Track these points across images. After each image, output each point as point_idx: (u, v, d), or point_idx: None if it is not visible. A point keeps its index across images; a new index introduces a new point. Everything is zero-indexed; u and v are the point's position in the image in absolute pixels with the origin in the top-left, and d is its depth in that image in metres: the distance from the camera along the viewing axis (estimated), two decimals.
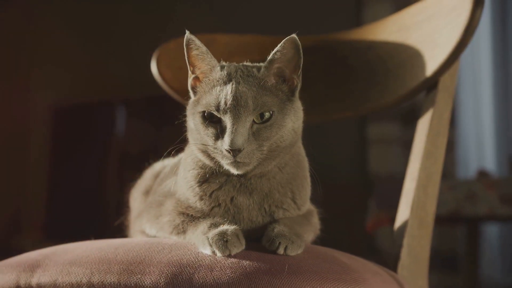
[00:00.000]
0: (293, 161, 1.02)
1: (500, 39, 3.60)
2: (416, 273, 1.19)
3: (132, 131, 3.94)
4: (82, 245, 1.04)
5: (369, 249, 3.24)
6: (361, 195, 3.36)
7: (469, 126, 3.57)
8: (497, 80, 3.58)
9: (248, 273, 0.86)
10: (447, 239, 3.30)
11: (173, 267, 0.89)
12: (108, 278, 0.93)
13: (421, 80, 1.24)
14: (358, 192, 3.42)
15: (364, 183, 3.43)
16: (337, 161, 3.45)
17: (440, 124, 1.22)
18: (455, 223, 3.13)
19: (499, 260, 3.45)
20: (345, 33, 1.45)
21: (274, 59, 0.97)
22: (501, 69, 3.59)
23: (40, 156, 4.17)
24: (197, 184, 0.99)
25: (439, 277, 3.26)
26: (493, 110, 3.56)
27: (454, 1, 1.23)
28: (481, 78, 3.58)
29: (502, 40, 3.60)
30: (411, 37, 1.31)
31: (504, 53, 3.60)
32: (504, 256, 3.46)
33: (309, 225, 1.04)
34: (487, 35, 3.57)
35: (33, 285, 1.00)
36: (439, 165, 1.22)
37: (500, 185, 2.36)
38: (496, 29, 3.60)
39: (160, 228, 1.03)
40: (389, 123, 3.39)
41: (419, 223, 1.19)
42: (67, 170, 4.06)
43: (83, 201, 3.91)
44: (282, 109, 0.96)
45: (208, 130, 0.95)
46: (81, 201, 3.92)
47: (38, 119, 4.30)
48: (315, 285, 0.87)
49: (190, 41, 0.98)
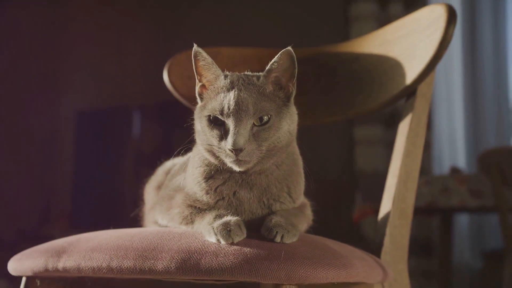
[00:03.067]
0: (289, 159, 1.01)
1: (470, 52, 3.61)
2: (397, 258, 1.18)
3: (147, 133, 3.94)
4: (103, 234, 1.03)
5: (355, 237, 3.23)
6: (349, 189, 3.36)
7: (443, 129, 3.57)
8: (467, 88, 3.59)
9: (249, 259, 0.85)
10: (423, 228, 3.30)
11: (183, 253, 0.89)
12: (125, 263, 0.92)
13: (402, 88, 1.23)
14: (346, 186, 3.41)
15: (351, 179, 3.43)
16: (327, 159, 3.45)
17: (418, 127, 1.22)
18: (431, 214, 3.13)
19: (469, 246, 3.46)
20: (334, 46, 1.45)
21: (272, 69, 0.96)
22: (470, 79, 3.60)
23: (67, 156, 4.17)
24: (203, 180, 0.99)
25: (417, 261, 3.26)
26: (464, 114, 3.57)
27: (430, 19, 1.22)
28: (453, 86, 3.59)
29: (471, 53, 3.61)
30: (393, 50, 1.30)
31: (473, 65, 3.60)
32: (473, 243, 3.46)
33: (303, 216, 1.03)
34: (459, 48, 3.58)
35: (60, 269, 1.00)
36: (417, 163, 1.22)
37: (470, 181, 2.36)
38: (466, 43, 3.61)
39: (171, 219, 1.02)
40: (373, 126, 3.39)
41: (400, 214, 1.18)
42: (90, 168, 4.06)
43: (103, 194, 3.91)
44: (279, 113, 0.95)
45: (213, 132, 0.94)
46: (102, 195, 3.92)
47: (65, 122, 4.31)
48: (308, 269, 0.86)
49: (197, 53, 0.97)
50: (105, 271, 0.94)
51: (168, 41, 3.78)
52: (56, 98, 4.42)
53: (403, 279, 1.19)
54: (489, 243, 3.38)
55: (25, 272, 1.07)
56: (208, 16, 3.93)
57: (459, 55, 3.57)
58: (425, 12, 1.25)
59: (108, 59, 4.31)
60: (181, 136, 1.03)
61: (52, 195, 4.34)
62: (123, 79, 4.22)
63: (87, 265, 0.96)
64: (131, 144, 3.95)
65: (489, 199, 2.31)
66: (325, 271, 0.88)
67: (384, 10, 3.48)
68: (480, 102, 3.56)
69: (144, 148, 3.89)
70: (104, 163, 3.98)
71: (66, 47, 4.44)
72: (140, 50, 4.17)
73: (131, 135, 3.96)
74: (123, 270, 0.92)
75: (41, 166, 4.33)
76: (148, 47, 4.10)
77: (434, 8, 1.23)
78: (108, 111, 4.08)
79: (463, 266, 3.35)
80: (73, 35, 4.43)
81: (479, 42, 3.59)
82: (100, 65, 4.33)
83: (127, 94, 4.14)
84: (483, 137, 3.54)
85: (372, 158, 3.37)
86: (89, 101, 4.29)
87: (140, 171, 3.63)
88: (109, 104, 4.14)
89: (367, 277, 1.00)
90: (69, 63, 4.44)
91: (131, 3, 4.27)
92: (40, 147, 4.33)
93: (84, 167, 4.08)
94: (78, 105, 4.27)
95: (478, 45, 3.59)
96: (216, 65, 0.98)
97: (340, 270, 0.90)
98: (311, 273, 0.86)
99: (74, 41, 4.43)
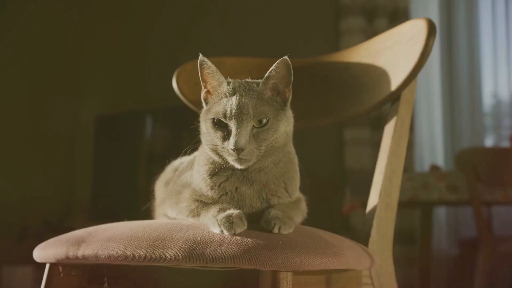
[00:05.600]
0: (286, 158, 1.00)
1: (447, 62, 3.61)
2: (383, 247, 1.17)
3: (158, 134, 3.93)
4: (118, 225, 1.03)
5: (345, 228, 3.23)
6: (339, 185, 3.35)
7: (424, 131, 3.56)
8: (444, 94, 3.59)
9: (249, 248, 0.85)
10: (406, 220, 3.29)
11: (190, 243, 0.88)
12: (138, 252, 0.92)
13: (387, 94, 1.22)
14: (336, 182, 3.41)
15: (341, 176, 3.42)
16: (320, 158, 3.44)
17: (402, 129, 1.21)
18: (413, 207, 3.13)
19: (446, 235, 3.46)
20: (326, 56, 1.44)
21: (270, 76, 0.96)
22: (448, 86, 3.60)
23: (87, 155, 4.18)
24: (208, 176, 0.98)
25: (400, 249, 3.26)
26: (442, 118, 3.57)
27: (412, 32, 1.21)
28: (433, 93, 3.59)
29: (448, 63, 3.61)
30: (379, 60, 1.29)
31: (450, 73, 3.61)
32: (450, 232, 3.46)
33: (298, 210, 1.02)
34: (437, 58, 3.58)
35: (79, 257, 0.99)
36: (401, 161, 1.21)
37: (448, 177, 2.35)
38: (444, 54, 3.61)
39: (179, 212, 1.02)
40: (361, 128, 3.39)
41: (385, 207, 1.18)
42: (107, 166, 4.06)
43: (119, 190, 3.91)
44: (277, 116, 0.95)
45: (217, 133, 0.94)
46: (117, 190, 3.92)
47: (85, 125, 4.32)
48: (303, 257, 0.85)
49: (203, 62, 0.97)
50: (119, 259, 0.93)
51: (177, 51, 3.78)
52: (77, 103, 4.43)
53: (388, 266, 1.18)
54: (464, 233, 3.38)
55: (48, 259, 1.06)
56: (213, 30, 3.93)
57: (437, 65, 3.57)
58: (407, 26, 1.24)
59: (123, 69, 4.32)
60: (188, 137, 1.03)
61: (74, 190, 4.35)
62: (137, 86, 4.23)
63: (103, 254, 0.95)
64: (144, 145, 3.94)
65: (464, 193, 2.30)
66: (318, 259, 0.87)
67: (371, 24, 3.48)
68: (457, 107, 3.57)
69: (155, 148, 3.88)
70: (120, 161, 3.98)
71: (86, 57, 4.45)
72: (151, 60, 4.17)
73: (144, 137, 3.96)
74: (136, 258, 0.92)
75: (64, 165, 4.34)
76: (158, 56, 4.10)
77: (416, 22, 1.22)
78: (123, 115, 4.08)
79: (441, 253, 3.35)
80: (93, 46, 4.44)
81: (455, 53, 3.60)
82: (116, 74, 4.34)
83: (140, 100, 4.15)
84: (459, 138, 3.54)
85: (360, 157, 3.37)
86: (107, 106, 4.31)
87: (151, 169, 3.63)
88: (124, 109, 4.15)
89: (356, 264, 1.00)
90: (88, 72, 4.45)
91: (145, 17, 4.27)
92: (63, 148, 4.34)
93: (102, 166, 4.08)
94: (96, 110, 4.28)
95: (455, 55, 3.60)
96: (219, 73, 0.98)
97: (332, 258, 0.90)
98: (305, 261, 0.86)
99: (93, 51, 4.44)
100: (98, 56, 4.42)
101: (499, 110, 3.57)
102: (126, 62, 4.30)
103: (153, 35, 4.19)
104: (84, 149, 4.26)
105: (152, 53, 4.18)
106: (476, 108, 3.53)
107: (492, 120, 3.62)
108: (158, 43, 4.15)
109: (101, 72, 4.41)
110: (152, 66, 4.12)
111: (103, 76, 4.40)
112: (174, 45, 4.04)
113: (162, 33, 4.15)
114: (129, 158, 3.96)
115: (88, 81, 4.45)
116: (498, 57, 3.50)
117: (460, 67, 3.58)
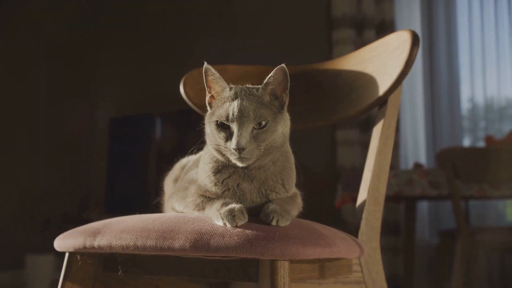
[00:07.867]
0: (283, 157, 1.00)
1: (428, 69, 3.61)
2: (371, 238, 1.17)
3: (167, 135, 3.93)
4: (130, 218, 1.02)
5: (337, 220, 3.22)
6: (331, 181, 3.35)
7: (408, 132, 3.56)
8: (426, 99, 3.59)
9: (250, 239, 0.84)
10: (392, 213, 3.29)
11: (195, 235, 0.88)
12: (148, 242, 0.91)
13: (375, 98, 1.22)
14: (329, 179, 3.41)
15: (333, 173, 3.42)
16: (314, 157, 3.44)
17: (389, 130, 1.20)
18: (398, 201, 3.12)
19: (428, 227, 3.46)
20: (320, 64, 1.43)
21: (269, 82, 0.95)
22: (429, 91, 3.60)
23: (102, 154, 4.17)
24: (212, 174, 0.97)
25: (387, 240, 3.26)
26: (424, 120, 3.57)
27: (397, 42, 1.21)
28: (416, 97, 3.58)
29: (430, 70, 3.61)
30: (368, 67, 1.29)
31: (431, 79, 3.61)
32: (432, 224, 3.46)
33: (294, 204, 1.02)
34: (420, 66, 3.58)
35: (95, 247, 0.99)
36: (388, 160, 1.20)
37: (430, 174, 2.34)
38: (425, 62, 3.61)
39: (185, 206, 1.01)
40: (351, 129, 3.38)
41: (373, 201, 1.17)
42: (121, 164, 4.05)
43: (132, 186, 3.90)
44: (275, 119, 0.94)
45: (220, 134, 0.93)
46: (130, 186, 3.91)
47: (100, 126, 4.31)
48: (298, 247, 0.85)
49: (207, 69, 0.96)
50: (132, 248, 0.93)
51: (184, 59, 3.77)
52: (94, 106, 4.43)
53: (376, 255, 1.18)
54: (444, 224, 3.38)
55: (67, 249, 1.06)
56: (216, 40, 3.92)
57: (420, 72, 3.57)
58: (394, 36, 1.24)
59: (135, 76, 4.31)
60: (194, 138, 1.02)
61: (91, 186, 4.35)
62: (148, 92, 4.23)
63: (117, 244, 0.95)
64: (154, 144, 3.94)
65: (444, 189, 2.30)
66: (312, 249, 0.87)
67: (360, 35, 3.48)
68: (437, 111, 3.57)
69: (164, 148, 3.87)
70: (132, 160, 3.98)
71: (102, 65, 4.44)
72: (161, 66, 4.17)
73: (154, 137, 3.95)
74: (146, 248, 0.91)
75: (82, 162, 4.34)
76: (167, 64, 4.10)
77: (401, 33, 1.22)
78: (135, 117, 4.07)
79: (423, 243, 3.35)
80: (107, 53, 4.44)
81: (436, 62, 3.61)
82: (129, 81, 4.34)
83: (150, 103, 4.15)
84: (440, 139, 3.55)
85: (350, 156, 3.36)
86: (120, 109, 4.31)
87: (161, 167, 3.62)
88: (136, 112, 4.15)
89: (347, 254, 0.99)
90: (104, 79, 4.45)
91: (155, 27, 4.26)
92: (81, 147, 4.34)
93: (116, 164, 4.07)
94: (111, 113, 4.28)
95: (435, 64, 3.61)
96: (222, 79, 0.97)
97: (325, 248, 0.89)
98: (301, 251, 0.85)
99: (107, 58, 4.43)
100: (113, 64, 4.42)
101: (475, 114, 3.57)
102: (137, 69, 4.30)
103: (163, 47, 4.20)
104: (100, 148, 4.25)
105: (162, 62, 4.18)
106: (455, 112, 3.54)
107: (469, 122, 3.63)
108: (167, 53, 4.15)
109: (115, 79, 4.42)
110: (162, 73, 4.12)
111: (117, 82, 4.40)
112: (181, 54, 4.03)
113: (171, 44, 4.15)
114: (140, 157, 3.96)
115: (103, 87, 4.45)
116: (474, 66, 3.51)
117: (440, 74, 3.59)
